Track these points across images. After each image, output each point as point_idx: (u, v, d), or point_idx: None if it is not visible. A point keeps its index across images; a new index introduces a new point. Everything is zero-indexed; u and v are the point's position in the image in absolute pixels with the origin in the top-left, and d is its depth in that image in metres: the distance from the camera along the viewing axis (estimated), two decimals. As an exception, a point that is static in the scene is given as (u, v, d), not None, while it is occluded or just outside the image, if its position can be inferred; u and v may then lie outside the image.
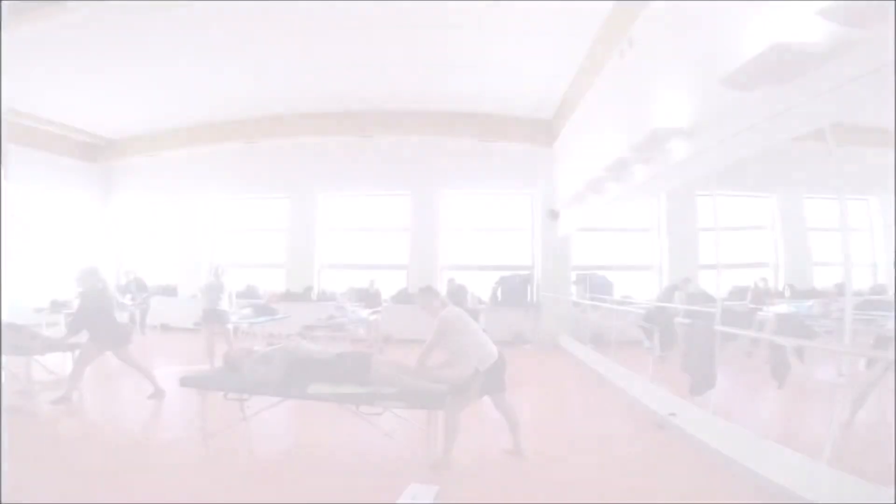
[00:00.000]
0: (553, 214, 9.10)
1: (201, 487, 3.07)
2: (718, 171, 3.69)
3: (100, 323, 4.92)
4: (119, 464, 3.43)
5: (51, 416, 4.45)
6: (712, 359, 3.48)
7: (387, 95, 8.86)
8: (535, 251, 9.71)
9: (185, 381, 3.58)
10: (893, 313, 3.32)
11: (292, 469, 3.43)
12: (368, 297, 8.75)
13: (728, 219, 3.91)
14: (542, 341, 9.05)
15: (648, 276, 7.42)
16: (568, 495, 2.99)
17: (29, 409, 4.56)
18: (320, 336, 7.34)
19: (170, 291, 11.03)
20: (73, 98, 8.74)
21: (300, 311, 9.00)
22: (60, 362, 5.61)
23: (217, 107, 9.40)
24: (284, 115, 9.72)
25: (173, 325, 10.64)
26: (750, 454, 3.06)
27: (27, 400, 4.70)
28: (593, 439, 4.11)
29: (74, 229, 11.18)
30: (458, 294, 8.21)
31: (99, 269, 5.19)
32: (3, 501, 2.02)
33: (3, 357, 4.79)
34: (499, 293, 9.54)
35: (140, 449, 3.76)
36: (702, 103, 4.01)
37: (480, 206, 10.29)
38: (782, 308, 4.41)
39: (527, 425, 3.86)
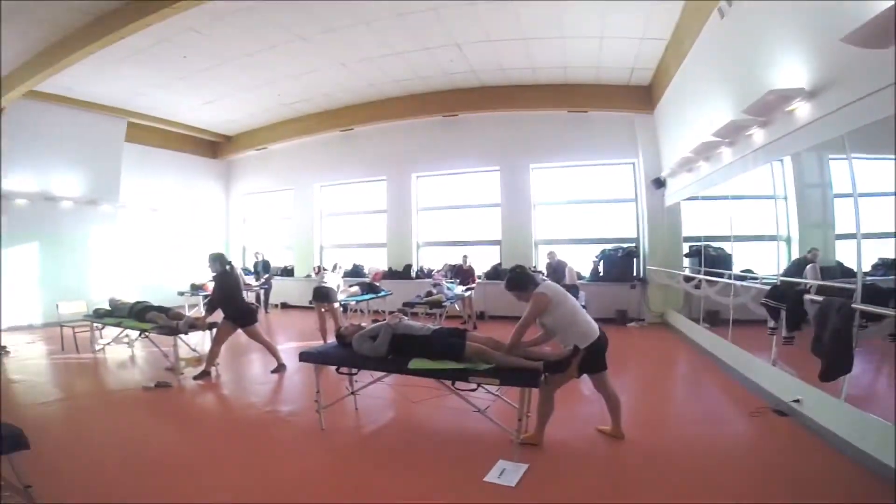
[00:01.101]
0: (658, 183, 8.49)
1: (314, 456, 3.37)
2: (852, 132, 3.19)
3: (231, 303, 5.46)
4: (247, 433, 3.86)
5: (194, 390, 5.06)
6: (849, 341, 3.06)
7: (471, 73, 8.79)
8: (640, 222, 9.14)
9: (302, 357, 3.87)
10: None
11: (391, 441, 3.64)
12: (462, 273, 8.90)
13: (869, 184, 3.35)
14: (648, 319, 8.62)
15: (773, 248, 6.63)
16: (668, 485, 2.84)
17: (177, 383, 5.20)
18: (419, 312, 7.61)
19: (288, 272, 12.10)
20: (196, 102, 9.91)
21: (401, 289, 9.42)
22: (201, 341, 6.42)
23: (313, 99, 10.07)
24: (376, 100, 10.10)
25: (292, 303, 11.70)
26: (887, 448, 2.68)
27: (175, 375, 5.36)
28: (702, 425, 3.83)
29: (207, 218, 12.65)
30: (556, 269, 8.05)
31: (225, 254, 5.67)
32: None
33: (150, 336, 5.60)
34: (600, 267, 9.15)
35: (265, 420, 4.15)
36: (822, 62, 3.53)
37: (576, 177, 9.86)
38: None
39: (628, 408, 3.72)
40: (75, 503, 2.63)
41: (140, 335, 5.98)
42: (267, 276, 10.97)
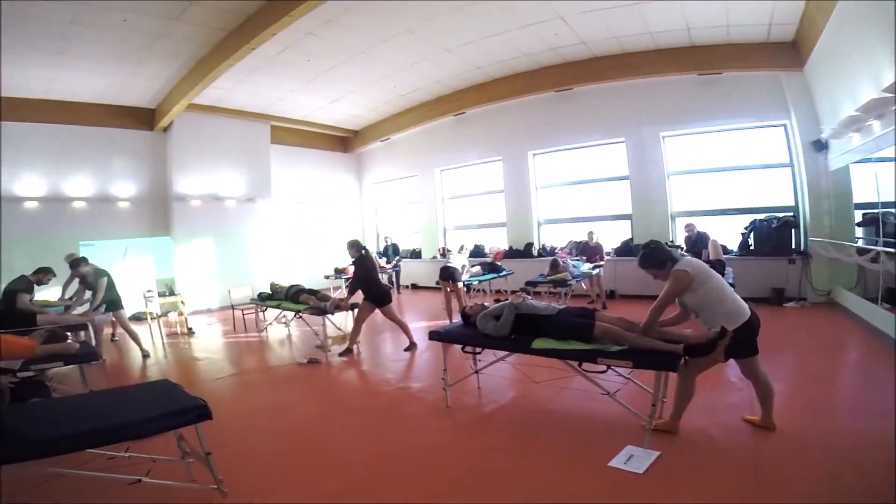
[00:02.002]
0: (819, 146, 7.23)
1: (439, 431, 3.50)
2: None
3: (369, 285, 5.87)
4: (382, 407, 4.15)
5: (338, 366, 5.56)
6: None
7: (581, 45, 8.31)
8: (799, 189, 7.88)
9: (431, 336, 4.05)
10: None
11: (512, 420, 3.63)
12: (589, 251, 8.51)
13: None
14: (811, 298, 7.50)
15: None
16: (820, 485, 2.45)
17: (325, 359, 5.73)
18: (542, 292, 7.48)
19: (416, 255, 12.73)
20: (324, 102, 10.74)
21: (523, 268, 9.35)
22: (345, 320, 7.01)
23: (426, 88, 10.33)
24: (484, 82, 10.06)
25: (421, 284, 12.30)
26: None
27: (323, 352, 5.91)
28: (873, 420, 3.21)
29: (344, 207, 13.76)
30: (696, 243, 7.35)
31: (359, 241, 6.10)
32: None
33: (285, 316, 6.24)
34: (750, 240, 8.10)
35: (397, 396, 4.41)
36: None
37: (714, 143, 8.80)
38: None
39: (782, 396, 3.30)
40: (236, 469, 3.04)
41: (295, 315, 6.76)
42: (396, 258, 11.63)
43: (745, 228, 8.16)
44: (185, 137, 10.17)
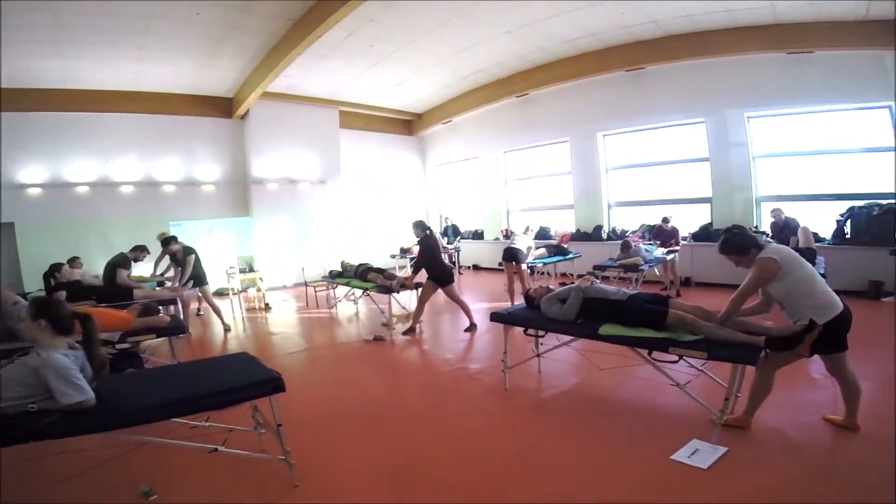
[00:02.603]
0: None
1: (496, 413, 3.49)
2: None
3: (433, 265, 5.92)
4: (441, 386, 4.21)
5: (401, 344, 5.69)
6: None
7: (651, 23, 7.80)
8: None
9: (493, 317, 4.00)
10: None
11: (572, 406, 3.55)
12: (663, 235, 8.06)
13: None
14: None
15: None
16: None
17: (389, 337, 5.89)
18: (611, 276, 7.22)
19: (478, 236, 12.72)
20: (387, 86, 10.88)
21: (591, 251, 9.06)
22: (409, 299, 7.15)
23: (487, 69, 10.19)
24: (548, 63, 9.75)
25: (482, 265, 12.30)
26: None
27: (388, 330, 6.07)
28: None
29: (409, 189, 13.97)
30: (783, 229, 6.77)
31: (424, 221, 6.17)
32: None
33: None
34: (847, 228, 7.32)
35: (456, 376, 4.45)
36: None
37: (807, 125, 7.95)
38: None
39: (869, 397, 2.99)
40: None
41: (363, 293, 6.99)
42: (458, 239, 11.68)
43: (841, 216, 7.35)
44: (261, 124, 10.69)
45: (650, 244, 7.82)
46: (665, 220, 8.09)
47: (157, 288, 6.72)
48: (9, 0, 5.64)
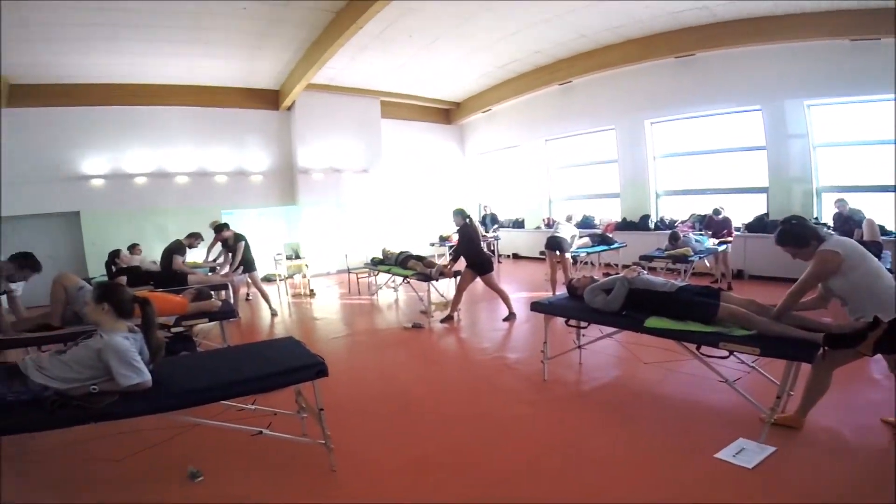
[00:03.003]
0: None
1: (533, 404, 3.45)
2: None
3: (472, 253, 5.91)
4: (477, 375, 4.20)
5: (439, 332, 5.73)
6: None
7: (702, 9, 7.45)
8: None
9: (533, 307, 3.93)
10: None
11: (613, 399, 3.46)
12: (715, 225, 7.72)
13: None
14: None
15: None
16: None
17: (427, 325, 5.94)
18: (659, 267, 7.00)
19: (518, 224, 12.59)
20: (427, 76, 10.88)
21: (637, 241, 8.81)
22: (447, 287, 7.17)
23: (526, 58, 10.00)
24: (591, 50, 9.50)
25: (522, 253, 12.19)
26: None
27: (427, 318, 6.13)
28: None
29: (448, 177, 13.96)
30: (847, 220, 6.35)
31: (464, 209, 6.12)
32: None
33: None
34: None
35: (493, 365, 4.43)
36: None
37: (867, 114, 7.34)
38: None
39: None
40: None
41: (403, 280, 7.08)
42: (495, 227, 11.62)
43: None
44: (306, 115, 10.95)
45: (700, 234, 7.51)
46: (716, 212, 7.73)
47: (209, 273, 7.03)
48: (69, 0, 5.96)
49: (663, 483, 2.39)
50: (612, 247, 8.27)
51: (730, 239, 7.53)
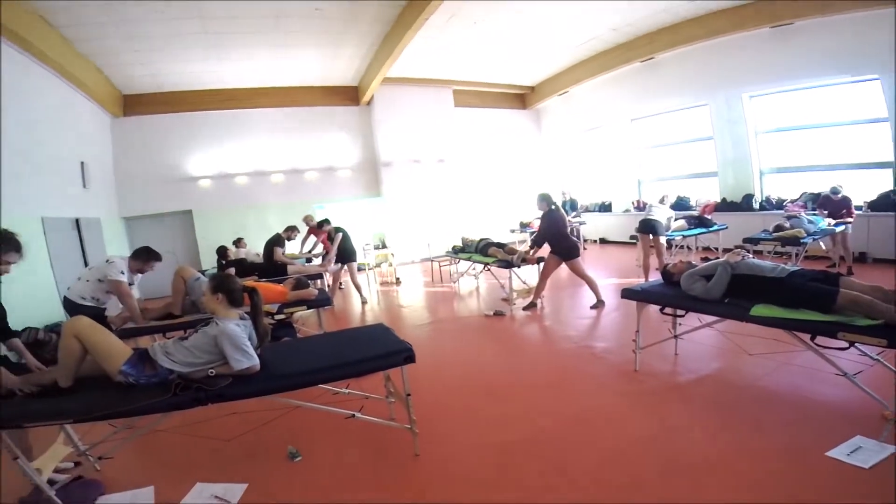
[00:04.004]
0: None
1: (622, 395, 3.32)
2: None
3: (557, 240, 5.77)
4: (562, 364, 4.10)
5: (522, 319, 5.66)
6: None
7: None
8: None
9: (625, 294, 3.73)
10: None
11: (711, 393, 3.22)
12: (832, 205, 6.87)
13: None
14: None
15: None
16: None
17: (509, 312, 5.91)
18: (766, 250, 6.41)
19: (605, 208, 12.10)
20: (498, 60, 10.71)
21: (739, 222, 8.12)
22: (530, 274, 7.06)
23: (602, 36, 9.60)
24: (673, 24, 8.89)
25: (610, 238, 11.71)
26: None
27: (508, 305, 6.08)
28: None
29: (526, 163, 13.73)
30: None
31: (549, 194, 5.98)
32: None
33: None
34: None
35: (580, 354, 4.31)
36: None
37: None
38: None
39: None
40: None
41: (483, 268, 7.09)
42: (575, 213, 11.27)
43: None
44: (384, 108, 11.33)
45: (814, 214, 6.75)
46: (834, 191, 6.79)
47: (307, 264, 7.51)
48: (160, 11, 6.51)
49: (767, 480, 2.21)
50: (710, 229, 7.68)
51: (850, 219, 6.67)
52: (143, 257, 4.15)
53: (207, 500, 2.44)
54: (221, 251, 8.19)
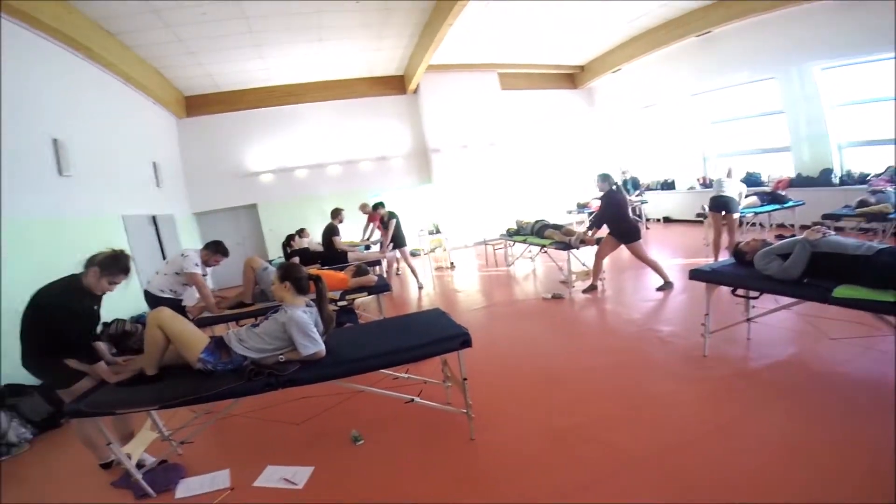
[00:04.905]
0: None
1: (689, 380, 3.18)
2: None
3: (617, 221, 5.55)
4: (624, 348, 3.97)
5: (581, 302, 5.54)
6: None
7: None
8: None
9: (693, 275, 3.51)
10: None
11: (786, 379, 3.01)
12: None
13: None
14: None
15: None
16: None
17: (568, 295, 5.79)
18: (848, 227, 5.90)
19: (668, 186, 11.56)
20: (545, 40, 10.40)
21: (816, 198, 7.52)
22: (590, 256, 6.87)
23: (652, 12, 9.20)
24: None
25: (674, 217, 11.20)
26: None
27: (567, 288, 5.95)
28: None
29: (579, 143, 13.33)
30: None
31: (610, 174, 5.79)
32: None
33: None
34: None
35: (644, 338, 4.14)
36: None
37: None
38: None
39: None
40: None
41: (540, 250, 6.98)
42: (637, 192, 10.84)
43: None
44: (430, 96, 11.39)
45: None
46: None
47: (365, 251, 7.72)
48: (203, 13, 6.70)
49: (845, 475, 2.05)
50: (785, 205, 7.16)
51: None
52: (212, 250, 4.39)
53: (277, 483, 2.57)
54: (286, 241, 8.57)
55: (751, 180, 9.02)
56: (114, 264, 2.66)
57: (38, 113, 5.34)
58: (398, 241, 7.41)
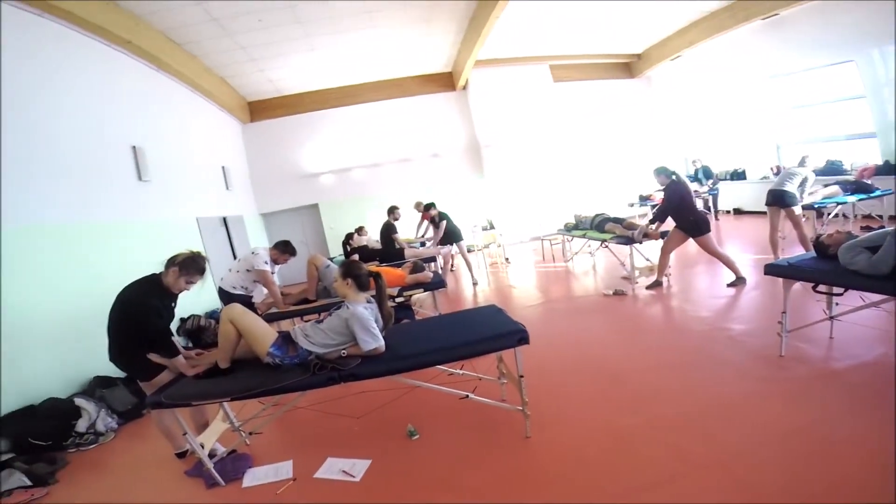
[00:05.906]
0: None
1: (764, 382, 2.97)
2: None
3: (682, 214, 5.25)
4: (693, 347, 3.76)
5: (645, 299, 5.30)
6: None
7: None
8: None
9: (768, 269, 3.29)
10: None
11: (873, 381, 2.74)
12: None
13: None
14: None
15: None
16: None
17: (631, 291, 5.56)
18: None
19: (738, 175, 10.89)
20: (599, 30, 10.12)
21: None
22: (654, 250, 6.58)
23: None
24: None
25: (746, 208, 10.55)
26: None
27: (630, 284, 5.73)
28: None
29: (639, 133, 12.83)
30: None
31: (666, 167, 5.45)
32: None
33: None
34: None
35: (714, 337, 3.91)
36: None
37: None
38: None
39: None
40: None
41: (600, 245, 6.76)
42: (710, 181, 10.25)
43: None
44: (480, 91, 11.37)
45: None
46: None
47: (421, 248, 7.84)
48: (259, 20, 6.92)
49: None
50: (872, 195, 6.53)
51: None
52: (281, 249, 4.62)
53: (336, 475, 2.66)
54: (346, 239, 8.85)
55: (832, 169, 8.33)
56: (192, 265, 2.86)
57: (119, 122, 5.80)
58: (454, 237, 7.47)
